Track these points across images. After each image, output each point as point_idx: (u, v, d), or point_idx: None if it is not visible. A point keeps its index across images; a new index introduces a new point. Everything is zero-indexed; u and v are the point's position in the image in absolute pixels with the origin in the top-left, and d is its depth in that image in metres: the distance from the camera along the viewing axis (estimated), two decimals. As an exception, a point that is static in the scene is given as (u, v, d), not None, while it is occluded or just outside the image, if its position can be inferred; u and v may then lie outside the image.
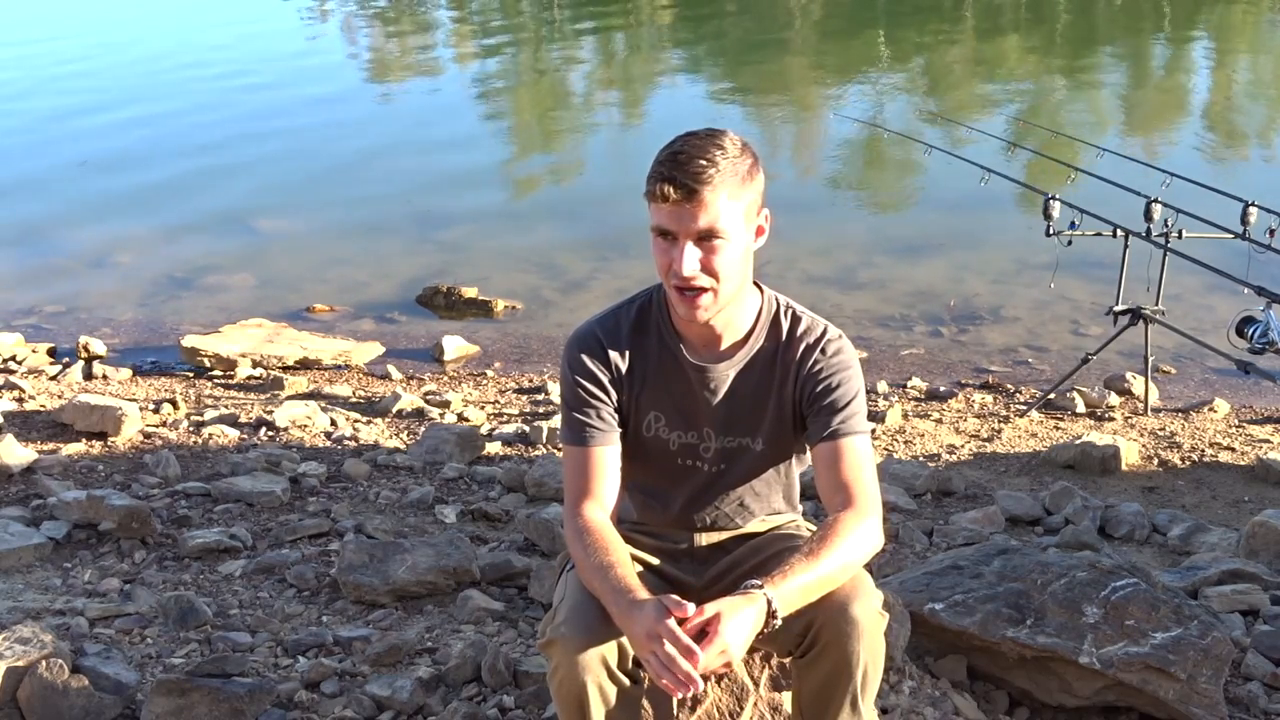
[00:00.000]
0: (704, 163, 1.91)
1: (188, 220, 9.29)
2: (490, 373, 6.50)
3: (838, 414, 2.08)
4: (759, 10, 20.62)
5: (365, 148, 11.47)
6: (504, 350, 6.90)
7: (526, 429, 5.06)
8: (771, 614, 1.85)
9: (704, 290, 1.99)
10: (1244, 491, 4.66)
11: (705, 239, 1.95)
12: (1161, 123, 12.23)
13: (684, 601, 1.83)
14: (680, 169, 1.92)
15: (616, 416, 2.14)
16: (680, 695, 1.82)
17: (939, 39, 17.57)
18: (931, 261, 8.03)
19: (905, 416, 5.61)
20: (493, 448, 4.86)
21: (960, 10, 19.88)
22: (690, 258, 1.95)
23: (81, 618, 3.08)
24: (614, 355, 2.14)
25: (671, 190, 1.92)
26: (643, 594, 1.89)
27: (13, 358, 6.51)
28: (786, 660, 2.21)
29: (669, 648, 1.78)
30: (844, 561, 1.95)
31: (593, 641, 1.91)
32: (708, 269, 1.97)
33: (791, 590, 1.88)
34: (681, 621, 1.81)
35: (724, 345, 2.13)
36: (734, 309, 2.09)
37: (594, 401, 2.12)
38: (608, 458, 2.12)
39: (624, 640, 1.92)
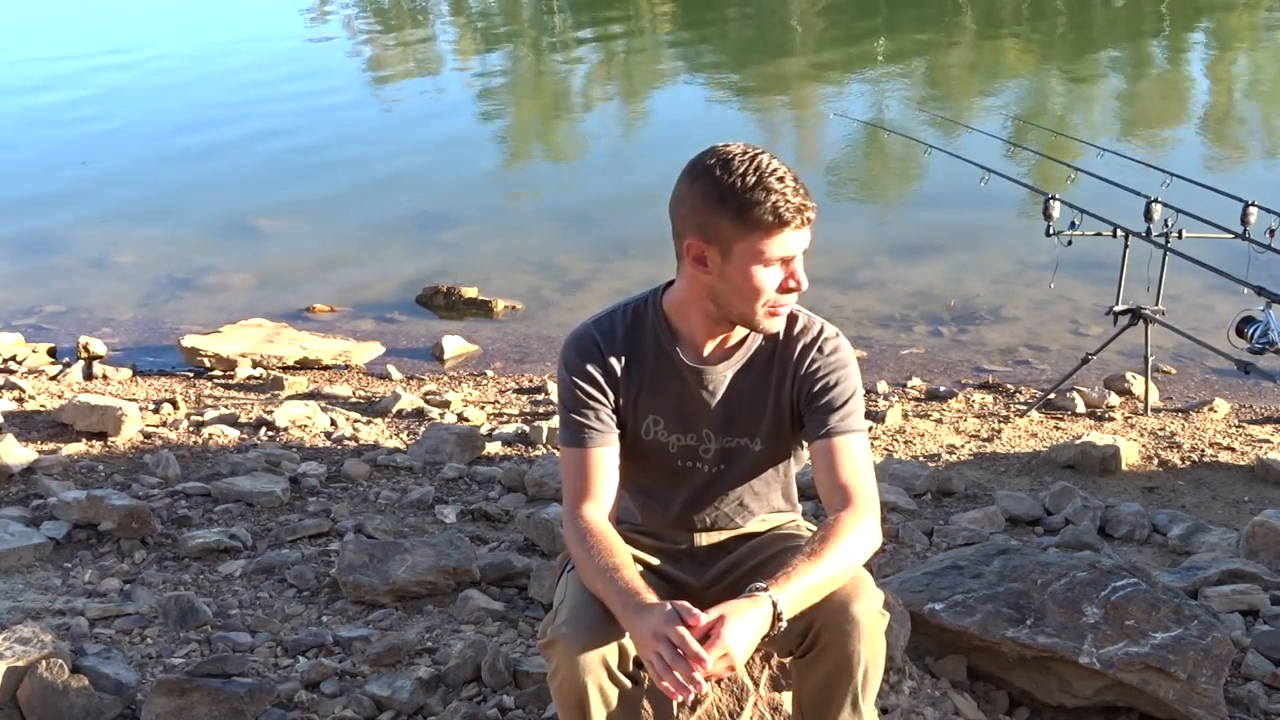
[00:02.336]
0: (801, 184, 1.97)
1: (188, 220, 9.30)
2: (490, 373, 6.50)
3: (835, 412, 2.08)
4: (759, 11, 20.62)
5: (365, 148, 11.47)
6: (504, 350, 6.90)
7: (526, 429, 5.06)
8: (777, 616, 1.85)
9: (787, 304, 2.05)
10: (1244, 491, 4.66)
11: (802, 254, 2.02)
12: (1161, 123, 12.22)
13: (696, 610, 1.83)
14: (802, 195, 1.96)
15: (614, 418, 2.14)
16: (681, 699, 1.82)
17: (939, 39, 17.57)
18: (931, 261, 8.03)
19: (905, 416, 5.61)
20: (493, 448, 4.86)
21: (960, 10, 19.88)
22: (801, 275, 2.02)
23: (81, 618, 3.08)
24: (610, 357, 2.14)
25: (810, 215, 1.98)
26: (650, 597, 1.89)
27: (13, 358, 6.51)
28: (786, 660, 2.21)
29: (676, 653, 1.78)
30: (846, 562, 1.95)
31: (593, 642, 1.91)
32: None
33: (796, 592, 1.88)
34: (691, 629, 1.81)
35: (730, 344, 2.13)
36: None
37: (591, 403, 2.12)
38: (606, 459, 2.12)
39: (625, 641, 1.92)
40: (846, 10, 20.66)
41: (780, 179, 1.94)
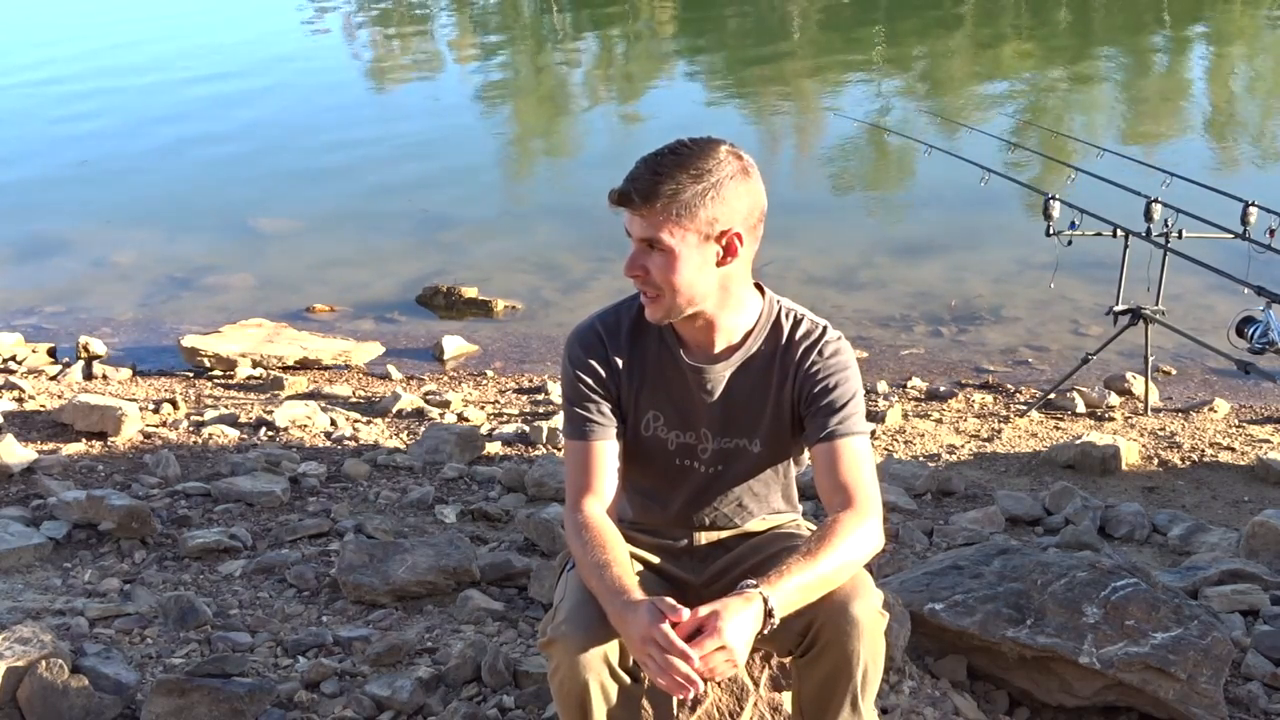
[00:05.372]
0: (656, 176, 1.94)
1: (187, 220, 9.30)
2: (490, 373, 6.50)
3: (836, 414, 2.08)
4: (759, 10, 20.62)
5: (365, 147, 11.47)
6: (504, 350, 6.91)
7: (526, 429, 5.06)
8: (769, 612, 1.84)
9: (649, 294, 2.03)
10: (1244, 491, 4.66)
11: (652, 248, 1.99)
12: (1161, 122, 12.23)
13: (679, 606, 1.83)
14: (632, 178, 1.96)
15: (617, 412, 2.14)
16: (680, 696, 1.82)
17: (939, 39, 17.57)
18: (931, 261, 8.03)
19: (905, 416, 5.61)
20: (493, 448, 4.86)
21: (960, 10, 19.88)
22: (632, 261, 2.00)
23: (81, 618, 3.08)
24: (614, 352, 2.14)
25: (616, 195, 1.97)
26: (638, 594, 1.89)
27: (13, 358, 6.51)
28: (786, 660, 2.21)
29: (663, 653, 1.78)
30: (843, 561, 1.95)
31: (593, 640, 1.91)
32: (653, 278, 2.00)
33: (789, 590, 1.87)
34: (677, 626, 1.81)
35: (721, 347, 2.13)
36: (728, 313, 2.09)
37: (594, 397, 2.13)
38: (608, 452, 2.12)
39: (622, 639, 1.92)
40: (846, 9, 20.67)
41: (645, 162, 1.96)
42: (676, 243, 1.96)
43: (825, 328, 2.15)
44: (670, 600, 1.85)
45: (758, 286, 2.14)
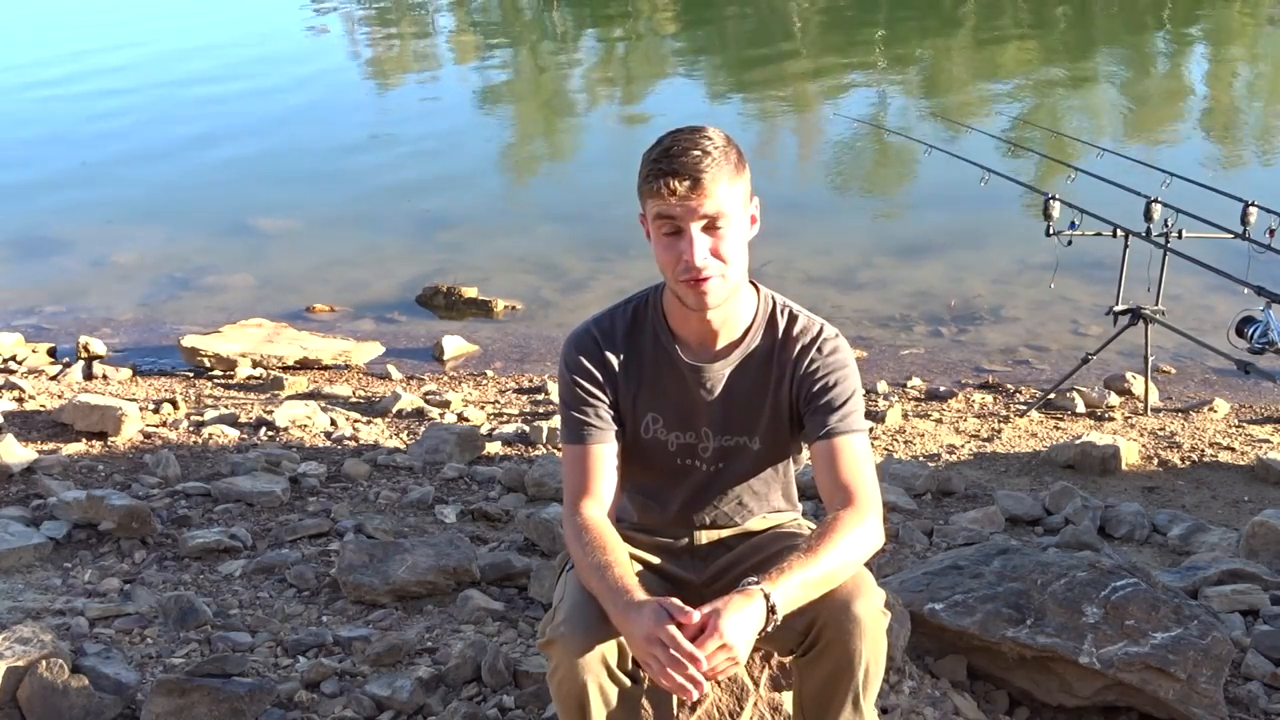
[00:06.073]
0: (699, 153, 1.94)
1: (188, 220, 9.31)
2: (490, 373, 6.50)
3: (835, 413, 2.08)
4: (759, 10, 20.62)
5: (365, 148, 11.48)
6: (504, 350, 6.91)
7: (526, 429, 5.06)
8: (771, 609, 1.84)
9: (712, 278, 2.00)
10: (1244, 491, 4.66)
11: (710, 226, 1.97)
12: (1161, 123, 12.22)
13: (686, 607, 1.83)
14: (680, 161, 1.94)
15: (615, 415, 2.14)
16: (684, 698, 1.82)
17: (939, 39, 17.57)
18: (931, 261, 8.03)
19: (905, 416, 5.61)
20: (493, 448, 4.86)
21: (960, 10, 19.87)
22: (700, 245, 1.97)
23: (81, 618, 3.08)
24: (610, 355, 2.14)
25: (676, 183, 1.94)
26: (640, 594, 1.89)
27: (13, 358, 6.52)
28: (787, 659, 2.21)
29: (671, 654, 1.78)
30: (843, 559, 1.95)
31: (593, 641, 1.91)
32: (716, 254, 1.99)
33: (790, 587, 1.87)
34: (683, 627, 1.81)
35: (720, 344, 2.13)
36: (731, 306, 2.09)
37: (591, 400, 2.13)
38: (606, 455, 2.12)
39: (624, 639, 1.92)
40: (847, 10, 20.66)
41: (670, 147, 1.95)
42: (733, 211, 1.99)
43: (822, 325, 2.15)
44: (678, 602, 1.85)
45: (752, 283, 2.15)
